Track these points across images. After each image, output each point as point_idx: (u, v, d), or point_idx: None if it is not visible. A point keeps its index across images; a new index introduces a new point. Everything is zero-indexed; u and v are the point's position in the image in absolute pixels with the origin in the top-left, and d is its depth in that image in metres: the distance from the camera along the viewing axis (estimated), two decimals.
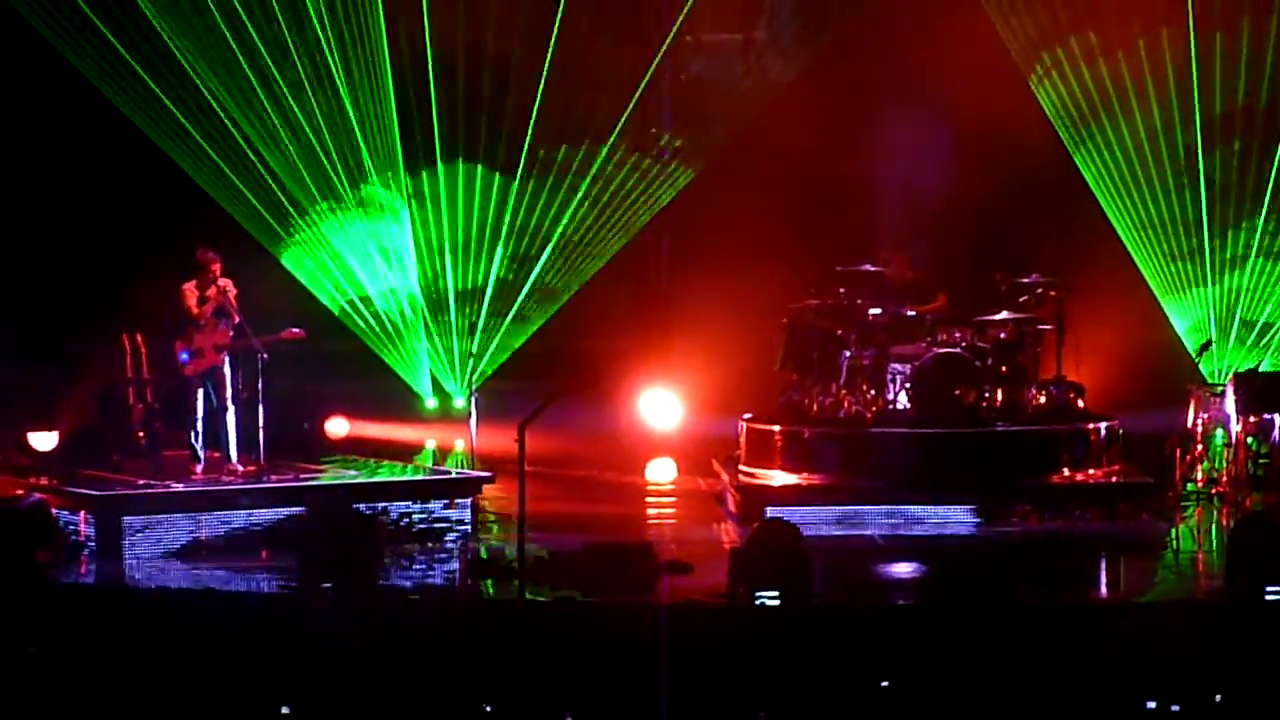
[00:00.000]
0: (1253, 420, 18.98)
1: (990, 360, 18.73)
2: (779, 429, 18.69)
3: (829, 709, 12.96)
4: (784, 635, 13.55)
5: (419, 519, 17.58)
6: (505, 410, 18.34)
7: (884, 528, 17.79)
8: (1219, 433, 19.31)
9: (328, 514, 15.89)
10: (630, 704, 12.91)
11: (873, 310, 18.90)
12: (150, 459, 18.24)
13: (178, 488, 17.32)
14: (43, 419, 18.64)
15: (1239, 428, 18.88)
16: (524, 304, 22.20)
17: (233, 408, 17.94)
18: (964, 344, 18.73)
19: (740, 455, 19.05)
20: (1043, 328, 19.12)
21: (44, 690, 13.15)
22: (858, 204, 21.39)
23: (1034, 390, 18.94)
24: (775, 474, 18.56)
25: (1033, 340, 19.06)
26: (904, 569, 16.55)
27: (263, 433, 17.93)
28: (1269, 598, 14.24)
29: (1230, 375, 19.87)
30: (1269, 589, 14.27)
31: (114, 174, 21.06)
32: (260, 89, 20.86)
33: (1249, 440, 18.90)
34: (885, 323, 18.91)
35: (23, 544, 15.98)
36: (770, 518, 16.90)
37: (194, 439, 17.98)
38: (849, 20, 21.71)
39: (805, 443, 18.50)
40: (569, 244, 22.11)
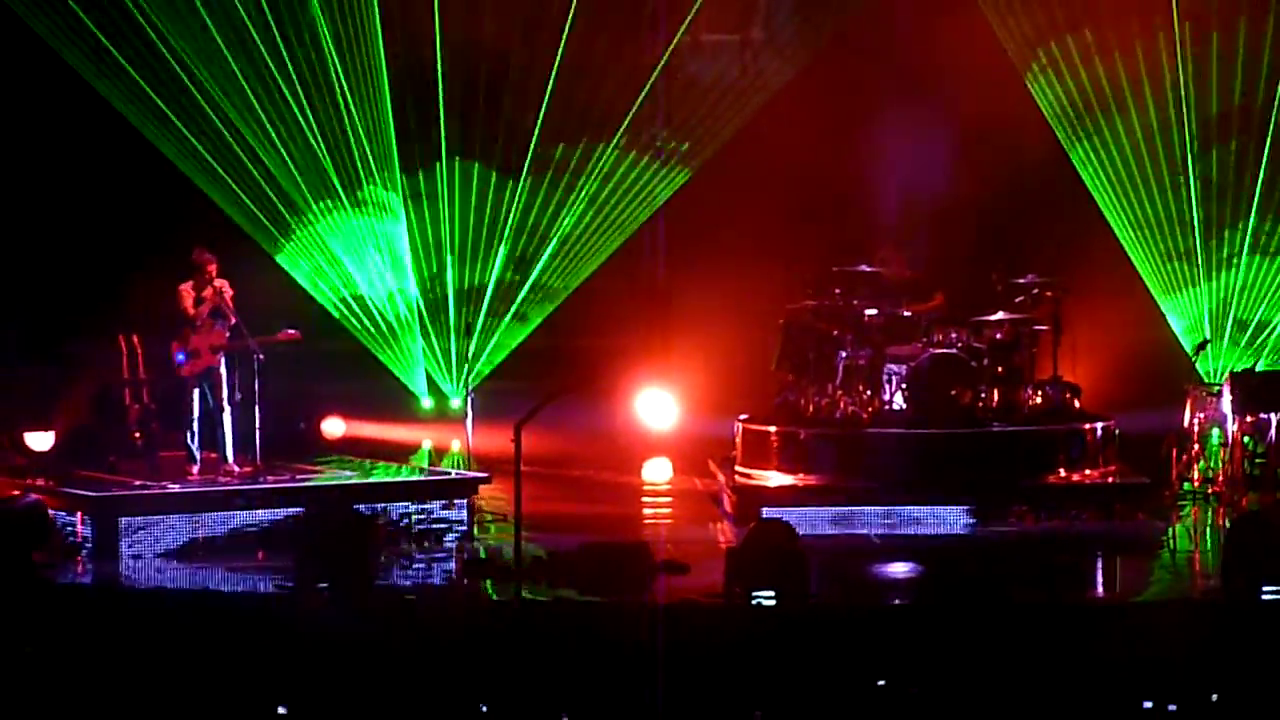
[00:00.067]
0: (1249, 420, 18.97)
1: (986, 361, 18.73)
2: (775, 429, 18.68)
3: (825, 708, 12.95)
4: (780, 635, 13.56)
5: (416, 519, 17.57)
6: (501, 410, 18.32)
7: (880, 528, 17.79)
8: (1215, 432, 19.30)
9: (325, 514, 15.90)
10: (627, 703, 12.90)
11: (869, 311, 18.90)
12: (146, 460, 18.19)
13: (174, 488, 17.30)
14: (39, 419, 18.64)
15: (1235, 427, 18.87)
16: (522, 304, 22.18)
17: (229, 408, 17.92)
18: (960, 344, 18.73)
19: (736, 455, 19.04)
20: (1039, 328, 19.12)
21: (41, 691, 13.14)
22: (855, 204, 21.38)
23: (1030, 390, 18.93)
24: (771, 474, 18.55)
25: (1029, 340, 19.06)
26: (900, 569, 16.54)
27: (259, 433, 17.93)
28: (1265, 597, 14.26)
29: (1227, 375, 19.84)
30: (1265, 588, 14.30)
31: (112, 174, 21.01)
32: (258, 89, 20.85)
33: (1245, 440, 18.89)
34: (881, 323, 18.90)
35: (19, 544, 16.00)
36: (766, 518, 16.91)
37: (190, 440, 17.95)
38: (846, 20, 21.70)
39: (801, 443, 18.49)
40: (567, 243, 22.10)
